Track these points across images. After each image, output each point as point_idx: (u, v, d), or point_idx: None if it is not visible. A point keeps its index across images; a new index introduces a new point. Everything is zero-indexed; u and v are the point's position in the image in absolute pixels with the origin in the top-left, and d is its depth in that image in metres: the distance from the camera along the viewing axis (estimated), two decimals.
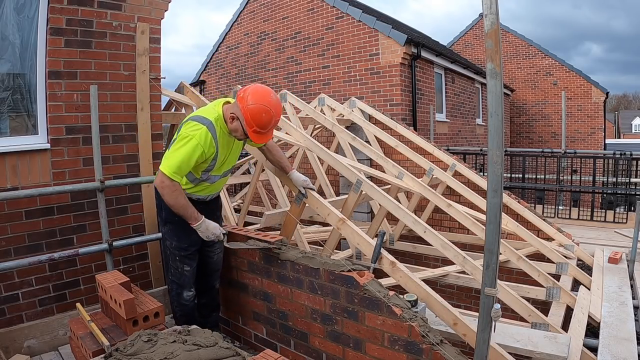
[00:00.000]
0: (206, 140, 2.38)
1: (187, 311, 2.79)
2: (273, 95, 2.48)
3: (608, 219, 7.03)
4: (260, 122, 2.40)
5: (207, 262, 2.90)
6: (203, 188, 2.68)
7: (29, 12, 3.04)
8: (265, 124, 2.42)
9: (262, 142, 2.58)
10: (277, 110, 2.46)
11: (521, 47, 15.61)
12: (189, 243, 2.67)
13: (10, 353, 2.80)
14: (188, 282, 2.75)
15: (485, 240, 1.77)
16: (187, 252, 2.69)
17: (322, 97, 6.59)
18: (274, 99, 2.45)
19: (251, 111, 2.38)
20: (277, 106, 2.46)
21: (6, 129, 3.06)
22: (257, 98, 2.40)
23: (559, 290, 3.90)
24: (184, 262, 2.70)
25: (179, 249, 2.68)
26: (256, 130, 2.43)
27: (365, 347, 2.32)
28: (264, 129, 2.44)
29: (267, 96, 2.43)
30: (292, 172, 3.07)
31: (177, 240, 2.67)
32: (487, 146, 1.71)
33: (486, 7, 1.61)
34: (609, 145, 15.54)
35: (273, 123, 2.47)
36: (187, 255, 2.70)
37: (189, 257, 2.71)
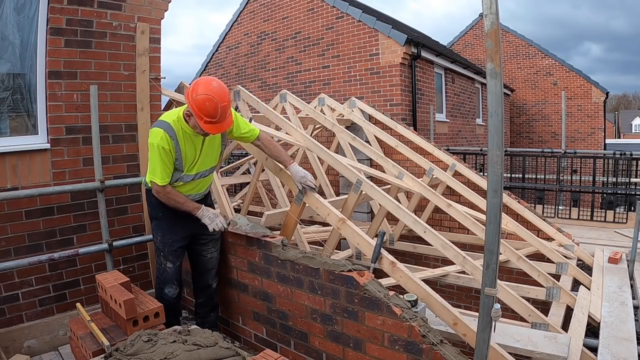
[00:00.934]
0: (165, 140, 2.50)
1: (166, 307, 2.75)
2: (215, 82, 2.48)
3: (608, 219, 7.02)
4: (207, 111, 2.40)
5: (201, 261, 2.94)
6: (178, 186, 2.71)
7: (29, 12, 3.04)
8: (212, 113, 2.41)
9: (218, 131, 2.53)
10: (221, 96, 2.44)
11: (521, 47, 15.61)
12: (172, 239, 2.76)
13: (10, 353, 2.80)
14: (170, 279, 2.81)
15: (485, 240, 1.77)
16: (171, 248, 2.76)
17: (322, 97, 6.59)
18: (215, 86, 2.45)
19: (196, 103, 2.41)
20: (219, 93, 2.44)
21: (6, 129, 3.06)
22: (199, 89, 2.43)
23: (559, 290, 3.90)
24: (167, 259, 2.78)
25: (163, 244, 2.77)
26: (207, 120, 2.43)
27: (365, 347, 2.32)
28: (213, 117, 2.42)
29: (208, 85, 2.44)
30: (291, 165, 3.02)
31: (161, 236, 2.77)
32: (487, 146, 1.71)
33: (486, 7, 1.61)
34: (609, 145, 15.54)
35: (221, 110, 2.43)
36: (171, 251, 2.77)
37: (173, 253, 2.78)
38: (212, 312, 3.06)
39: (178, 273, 2.85)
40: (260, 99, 5.42)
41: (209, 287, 3.01)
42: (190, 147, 2.62)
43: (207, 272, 2.97)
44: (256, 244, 2.85)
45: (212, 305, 3.06)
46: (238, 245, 3.00)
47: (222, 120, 2.48)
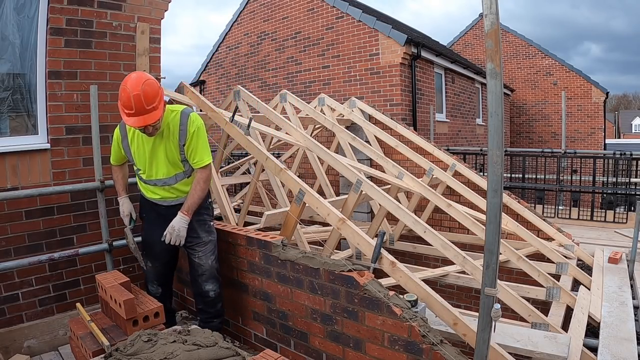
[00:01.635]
0: (117, 132, 2.74)
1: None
2: (135, 74, 2.46)
3: (608, 219, 7.02)
4: (122, 100, 2.38)
5: (191, 263, 2.85)
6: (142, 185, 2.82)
7: (29, 12, 3.04)
8: (126, 102, 2.36)
9: (137, 125, 2.41)
10: (133, 85, 2.35)
11: (521, 47, 15.61)
12: (151, 242, 2.83)
13: (10, 353, 2.80)
14: (150, 278, 2.91)
15: (485, 240, 1.77)
16: (150, 249, 2.85)
17: (322, 97, 6.59)
18: (132, 76, 2.41)
19: (119, 93, 2.42)
20: (133, 82, 2.37)
21: (6, 129, 3.07)
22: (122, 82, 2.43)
23: (559, 290, 3.90)
24: (147, 258, 2.88)
25: (143, 244, 2.91)
26: (125, 112, 2.40)
27: (365, 347, 2.32)
28: (128, 109, 2.37)
29: (128, 77, 2.43)
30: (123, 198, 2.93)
31: (143, 236, 2.92)
32: (487, 146, 1.71)
33: (486, 7, 1.61)
34: (609, 145, 15.53)
35: (134, 100, 2.33)
36: (150, 252, 2.86)
37: (151, 254, 2.86)
38: (215, 319, 2.90)
39: (159, 274, 2.91)
40: (260, 99, 5.42)
41: (205, 294, 2.83)
42: (141, 148, 2.66)
43: (199, 277, 2.81)
44: (256, 244, 2.85)
45: (214, 312, 2.89)
46: (238, 246, 3.00)
47: (143, 113, 2.38)
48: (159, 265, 2.88)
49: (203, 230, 2.80)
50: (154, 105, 2.42)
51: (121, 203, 2.90)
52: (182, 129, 2.62)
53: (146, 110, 2.39)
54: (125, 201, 2.90)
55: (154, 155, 2.65)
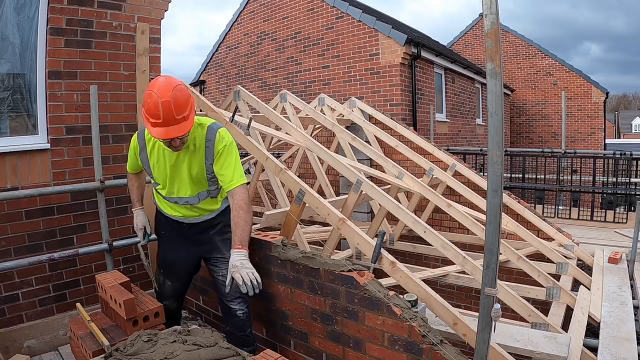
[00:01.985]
0: (134, 142, 2.44)
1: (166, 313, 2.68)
2: (163, 77, 2.16)
3: (608, 219, 7.02)
4: (148, 108, 2.06)
5: (216, 282, 2.58)
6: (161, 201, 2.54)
7: (29, 12, 3.04)
8: (153, 111, 2.03)
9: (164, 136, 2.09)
10: (162, 91, 2.04)
11: (521, 47, 15.61)
12: (171, 261, 2.63)
13: (10, 353, 2.80)
14: (167, 295, 2.70)
15: (485, 240, 1.77)
16: (171, 268, 2.64)
17: (322, 97, 6.59)
18: (161, 81, 2.11)
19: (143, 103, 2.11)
20: (161, 87, 2.05)
21: (6, 129, 3.07)
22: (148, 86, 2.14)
23: (559, 290, 3.90)
24: (166, 276, 2.68)
25: (163, 262, 2.69)
26: (150, 120, 2.07)
27: (366, 347, 2.32)
28: (155, 117, 2.05)
29: (156, 80, 2.15)
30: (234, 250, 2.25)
31: (162, 253, 2.69)
32: (487, 146, 1.71)
33: (486, 7, 1.61)
34: (609, 145, 15.54)
35: (163, 108, 2.02)
36: (170, 270, 2.66)
37: (171, 272, 2.66)
38: (246, 347, 2.42)
39: (176, 291, 2.71)
40: (260, 99, 5.41)
41: (234, 315, 2.50)
42: (161, 162, 2.35)
43: (223, 297, 2.51)
44: (256, 244, 2.85)
45: (242, 338, 2.50)
46: None
47: (171, 123, 2.06)
48: (178, 284, 2.69)
49: (227, 249, 2.44)
50: (184, 115, 2.10)
51: (135, 215, 2.68)
52: (208, 146, 2.31)
53: (175, 120, 2.07)
54: (139, 213, 2.67)
55: (176, 171, 2.35)
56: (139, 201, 2.71)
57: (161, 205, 2.58)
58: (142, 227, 2.68)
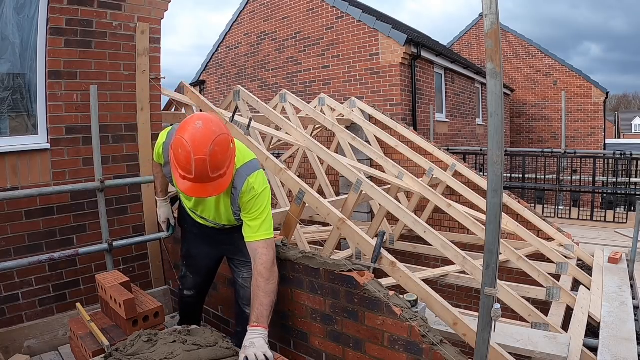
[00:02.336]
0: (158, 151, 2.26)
1: (182, 306, 2.81)
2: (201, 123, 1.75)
3: (608, 219, 7.02)
4: (179, 160, 1.77)
5: (235, 282, 2.51)
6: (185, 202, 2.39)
7: (29, 12, 3.04)
8: (184, 164, 1.74)
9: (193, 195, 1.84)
10: (198, 146, 1.71)
11: (521, 47, 15.61)
12: (194, 254, 2.59)
13: (10, 353, 2.80)
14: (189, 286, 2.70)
15: (485, 240, 1.77)
16: (193, 260, 2.62)
17: (322, 97, 6.59)
18: (196, 127, 1.74)
19: (173, 146, 1.80)
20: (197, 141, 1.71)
21: (6, 129, 3.06)
22: (180, 129, 1.80)
23: (559, 290, 3.90)
24: (188, 269, 2.67)
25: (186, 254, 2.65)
26: (181, 174, 1.78)
27: (365, 347, 2.32)
28: (185, 172, 1.76)
29: (190, 124, 1.77)
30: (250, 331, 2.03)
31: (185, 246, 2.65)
32: (487, 146, 1.71)
33: (486, 7, 1.61)
34: (609, 145, 15.54)
35: (196, 165, 1.71)
36: (192, 263, 2.64)
37: (193, 265, 2.64)
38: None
39: (197, 285, 2.68)
40: (260, 99, 5.42)
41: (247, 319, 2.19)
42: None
43: (240, 300, 2.47)
44: None
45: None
46: None
47: (204, 181, 1.77)
48: (199, 278, 2.67)
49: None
50: (221, 173, 1.80)
51: (159, 206, 2.59)
52: (234, 194, 2.05)
53: (210, 178, 1.77)
54: (163, 204, 2.56)
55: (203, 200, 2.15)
56: (162, 191, 2.54)
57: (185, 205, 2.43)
58: (166, 219, 2.60)
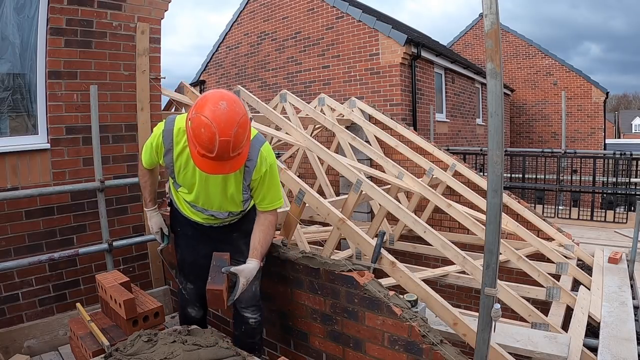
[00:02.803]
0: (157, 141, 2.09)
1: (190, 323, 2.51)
2: (224, 104, 1.76)
3: (608, 219, 7.02)
4: (201, 139, 1.76)
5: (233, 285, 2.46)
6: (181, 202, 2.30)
7: (29, 12, 3.04)
8: (207, 144, 1.74)
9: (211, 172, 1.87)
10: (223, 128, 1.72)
11: (521, 47, 15.61)
12: (191, 259, 2.42)
13: (10, 353, 2.80)
14: (191, 300, 2.49)
15: (485, 240, 1.77)
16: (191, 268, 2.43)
17: (322, 97, 6.59)
18: (222, 109, 1.74)
19: (193, 123, 1.78)
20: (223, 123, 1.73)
21: (6, 129, 3.07)
22: (200, 106, 1.78)
23: (559, 290, 3.90)
24: (188, 279, 2.47)
25: (182, 262, 2.47)
26: (200, 152, 1.79)
27: (366, 347, 2.32)
28: (207, 151, 1.77)
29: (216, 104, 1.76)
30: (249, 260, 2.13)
31: (180, 253, 2.47)
32: (487, 146, 1.71)
33: (486, 7, 1.61)
34: (609, 145, 15.54)
35: (219, 146, 1.74)
36: (191, 271, 2.44)
37: (193, 273, 2.43)
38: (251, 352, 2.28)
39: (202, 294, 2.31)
40: (260, 99, 5.42)
41: (245, 322, 2.40)
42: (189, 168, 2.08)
43: (238, 303, 2.33)
44: None
45: (250, 345, 2.41)
46: None
47: (224, 159, 1.80)
48: (202, 284, 2.22)
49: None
50: (239, 151, 1.84)
51: (149, 217, 2.40)
52: (248, 166, 2.04)
53: (229, 157, 1.81)
54: (154, 214, 2.39)
55: (207, 185, 2.10)
56: (152, 200, 2.41)
57: (180, 205, 2.33)
58: (159, 229, 2.42)
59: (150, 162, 2.23)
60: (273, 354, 2.85)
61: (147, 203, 2.43)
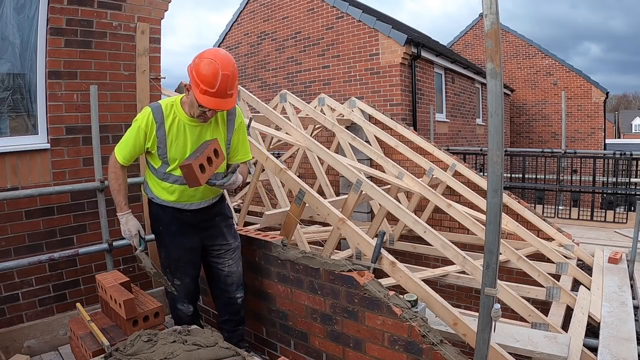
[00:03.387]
0: (147, 119, 2.22)
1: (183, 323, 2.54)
2: (222, 51, 2.19)
3: (608, 219, 7.02)
4: (204, 77, 2.06)
5: (218, 275, 2.60)
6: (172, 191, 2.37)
7: (29, 12, 3.04)
8: (211, 80, 2.06)
9: (216, 107, 2.14)
10: (224, 63, 2.09)
11: (521, 47, 15.61)
12: (177, 255, 2.47)
13: (10, 353, 2.80)
14: (180, 296, 2.53)
15: (485, 240, 1.77)
16: (177, 264, 2.48)
17: (322, 97, 6.59)
18: (221, 53, 2.15)
19: (196, 67, 2.10)
20: (224, 59, 2.11)
21: (6, 129, 3.07)
22: (202, 54, 2.15)
23: (559, 290, 3.90)
24: (175, 275, 2.50)
25: (168, 260, 2.50)
26: (203, 89, 2.08)
27: (366, 347, 2.32)
28: (211, 87, 2.07)
29: (214, 51, 2.16)
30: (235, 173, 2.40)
31: (165, 251, 2.50)
32: (487, 146, 1.71)
33: (486, 7, 1.61)
34: (609, 145, 15.54)
35: (221, 79, 2.07)
36: (178, 267, 2.49)
37: (180, 269, 2.50)
38: (239, 326, 2.73)
39: (189, 290, 2.56)
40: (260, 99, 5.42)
41: (234, 303, 2.64)
42: (180, 138, 2.27)
43: (228, 287, 2.58)
44: (256, 244, 2.85)
45: (238, 320, 2.71)
46: None
47: (222, 96, 2.11)
48: (189, 280, 2.53)
49: (231, 235, 2.59)
50: (233, 92, 2.19)
51: (125, 220, 2.37)
52: (230, 119, 2.40)
53: (227, 94, 2.14)
54: (130, 217, 2.39)
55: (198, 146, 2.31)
56: (127, 204, 2.40)
57: (158, 193, 2.40)
58: (137, 232, 2.40)
59: (132, 153, 2.31)
60: (273, 354, 2.86)
61: (122, 207, 2.37)
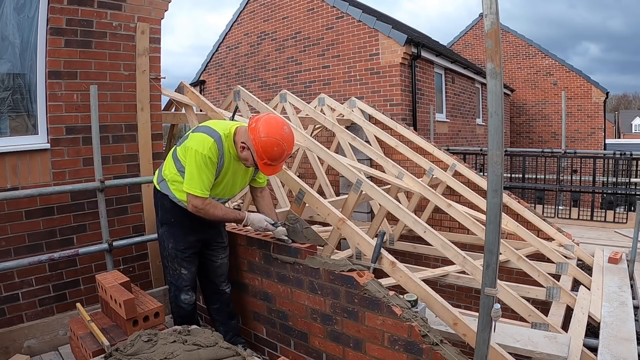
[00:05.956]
0: (213, 151, 2.40)
1: (184, 314, 2.73)
2: (286, 127, 2.45)
3: (608, 219, 7.03)
4: (272, 155, 2.39)
5: (210, 266, 2.84)
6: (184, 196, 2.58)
7: (29, 12, 3.04)
8: (277, 157, 2.41)
9: (272, 173, 2.56)
10: (289, 143, 2.44)
11: (521, 47, 15.61)
12: (185, 245, 2.65)
13: (10, 353, 2.80)
14: (185, 284, 2.69)
15: (485, 240, 1.77)
16: (184, 254, 2.65)
17: (322, 97, 6.59)
18: (286, 131, 2.43)
19: (262, 144, 2.36)
20: (289, 139, 2.43)
21: (6, 129, 3.06)
22: (269, 130, 2.37)
23: (559, 290, 3.90)
24: (182, 265, 2.66)
25: (175, 250, 2.64)
26: (267, 162, 2.42)
27: (366, 347, 2.32)
28: (275, 161, 2.43)
29: (279, 129, 2.40)
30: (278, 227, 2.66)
31: (173, 242, 2.64)
32: (487, 146, 1.71)
33: (486, 7, 1.61)
34: (609, 145, 15.54)
35: (285, 156, 2.45)
36: (185, 257, 2.66)
37: (187, 259, 2.67)
38: (232, 319, 2.94)
39: (193, 279, 2.77)
40: (260, 99, 5.42)
41: (222, 292, 2.90)
42: (230, 170, 2.56)
43: (217, 278, 2.88)
44: (256, 244, 2.85)
45: (229, 311, 2.93)
46: (238, 246, 3.00)
47: (278, 162, 2.47)
48: (195, 269, 2.76)
49: (225, 235, 2.92)
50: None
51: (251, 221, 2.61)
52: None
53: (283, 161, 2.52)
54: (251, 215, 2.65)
55: (236, 179, 2.65)
56: (239, 210, 2.87)
57: (181, 197, 2.54)
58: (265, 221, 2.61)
59: (210, 182, 2.45)
60: (273, 354, 2.86)
61: (240, 215, 2.62)
